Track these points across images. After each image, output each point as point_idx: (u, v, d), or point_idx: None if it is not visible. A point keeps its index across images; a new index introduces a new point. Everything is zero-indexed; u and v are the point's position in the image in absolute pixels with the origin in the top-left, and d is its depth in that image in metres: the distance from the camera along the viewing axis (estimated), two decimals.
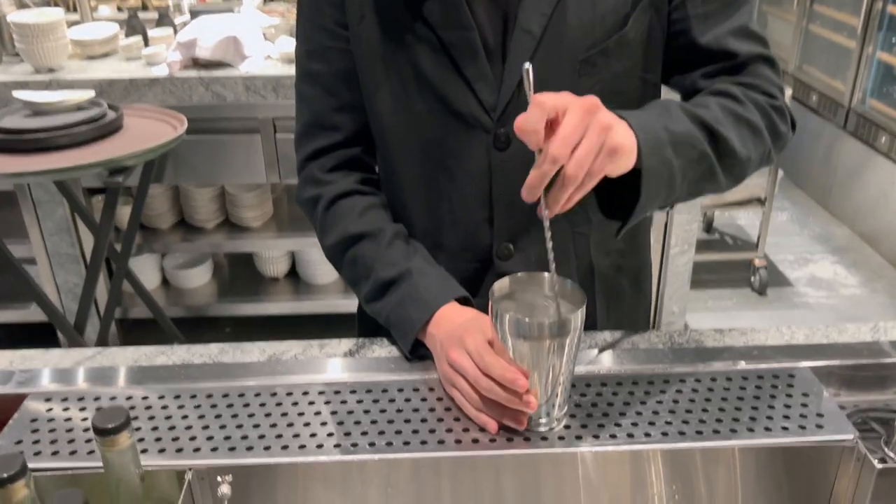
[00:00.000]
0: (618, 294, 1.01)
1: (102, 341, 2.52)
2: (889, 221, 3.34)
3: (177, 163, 2.39)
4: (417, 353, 0.88)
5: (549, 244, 0.73)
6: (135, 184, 2.18)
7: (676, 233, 2.45)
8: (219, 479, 0.74)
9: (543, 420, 0.78)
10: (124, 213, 2.38)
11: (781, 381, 0.85)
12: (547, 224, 0.72)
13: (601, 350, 0.91)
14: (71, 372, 0.89)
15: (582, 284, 0.96)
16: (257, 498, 0.76)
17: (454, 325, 0.83)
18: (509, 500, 0.77)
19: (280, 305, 2.73)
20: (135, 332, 2.75)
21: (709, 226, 3.51)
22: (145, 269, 2.71)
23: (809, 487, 0.79)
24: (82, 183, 2.44)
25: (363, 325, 1.06)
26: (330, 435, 0.78)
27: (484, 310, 0.81)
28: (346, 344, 0.94)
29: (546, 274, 0.77)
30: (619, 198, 0.79)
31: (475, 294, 0.94)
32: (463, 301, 0.89)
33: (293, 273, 2.84)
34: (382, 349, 0.93)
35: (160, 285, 2.80)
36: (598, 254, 0.97)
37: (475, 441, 0.77)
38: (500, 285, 0.77)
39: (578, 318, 0.73)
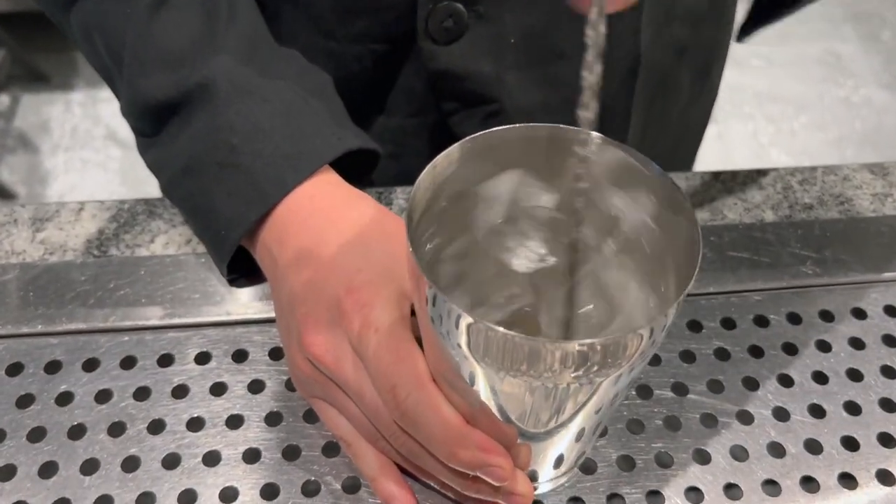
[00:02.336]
0: (671, 95, 0.51)
1: None
2: None
3: None
4: (242, 271, 0.38)
5: (592, 70, 0.23)
6: None
7: None
8: None
9: (545, 479, 0.33)
10: None
11: None
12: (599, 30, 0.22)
13: None
14: None
15: (613, 87, 0.45)
16: None
17: (321, 251, 0.32)
18: None
19: None
20: None
21: None
22: None
23: None
24: None
25: None
26: None
27: (413, 163, 0.33)
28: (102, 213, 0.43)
29: (579, 131, 0.27)
30: None
31: (375, 124, 0.42)
32: (350, 161, 0.36)
33: None
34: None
35: None
36: (655, 33, 0.44)
37: None
38: (428, 179, 0.26)
39: (667, 316, 0.24)
